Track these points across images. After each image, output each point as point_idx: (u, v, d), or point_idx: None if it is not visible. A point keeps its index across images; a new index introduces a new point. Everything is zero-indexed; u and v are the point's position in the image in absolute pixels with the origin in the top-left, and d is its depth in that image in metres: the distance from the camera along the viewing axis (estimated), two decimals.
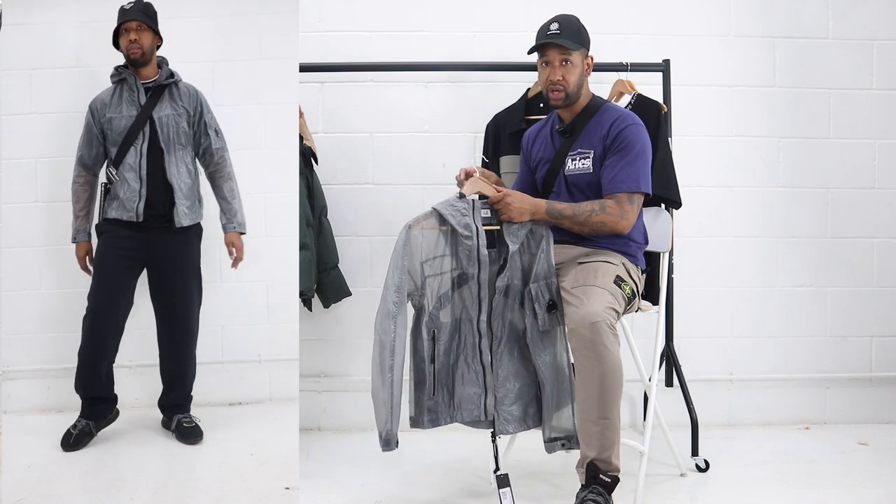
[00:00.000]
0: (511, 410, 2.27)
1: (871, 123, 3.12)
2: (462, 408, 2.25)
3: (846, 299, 3.15)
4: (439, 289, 2.21)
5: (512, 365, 2.27)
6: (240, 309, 3.17)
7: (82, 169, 2.77)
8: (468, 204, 2.20)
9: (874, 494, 2.41)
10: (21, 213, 3.08)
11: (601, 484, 2.11)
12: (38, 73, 3.06)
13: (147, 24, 2.69)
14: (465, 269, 2.21)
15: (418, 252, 2.18)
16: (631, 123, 2.32)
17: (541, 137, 2.51)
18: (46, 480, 2.46)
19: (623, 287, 2.22)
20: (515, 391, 2.27)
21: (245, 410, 3.14)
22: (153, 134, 2.70)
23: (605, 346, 2.07)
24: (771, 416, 3.11)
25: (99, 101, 2.73)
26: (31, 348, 3.12)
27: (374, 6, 3.08)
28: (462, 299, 2.23)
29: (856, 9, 3.11)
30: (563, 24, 2.34)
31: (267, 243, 3.13)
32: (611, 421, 2.11)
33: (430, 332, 2.20)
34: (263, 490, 2.41)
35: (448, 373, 2.23)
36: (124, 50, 2.69)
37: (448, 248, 2.21)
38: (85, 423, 2.72)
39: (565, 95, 2.35)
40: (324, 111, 3.09)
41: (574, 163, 2.37)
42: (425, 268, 2.19)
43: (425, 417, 2.23)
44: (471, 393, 2.24)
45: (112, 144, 2.71)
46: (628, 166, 2.28)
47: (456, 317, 2.23)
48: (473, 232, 2.18)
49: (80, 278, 2.82)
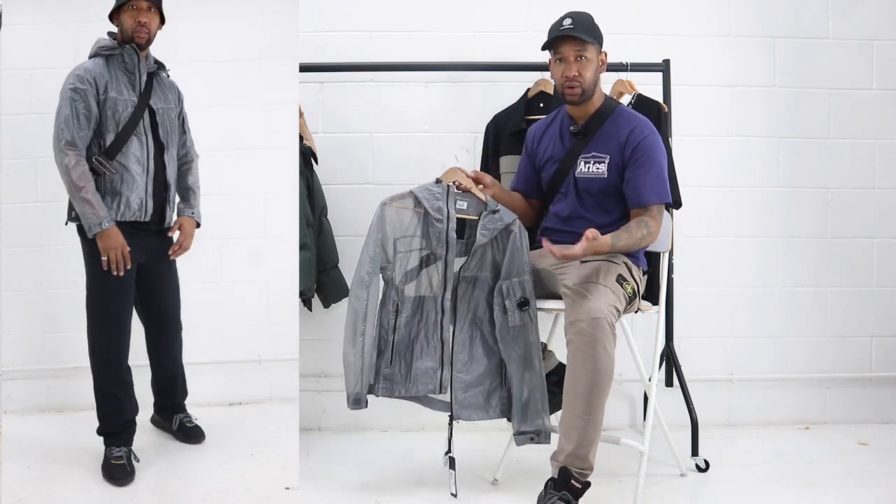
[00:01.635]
0: (469, 396, 2.34)
1: (871, 123, 3.12)
2: (418, 381, 2.35)
3: (846, 299, 3.15)
4: (407, 265, 2.34)
5: (472, 352, 2.35)
6: (240, 309, 3.17)
7: (74, 152, 2.36)
8: (443, 189, 2.32)
9: (874, 494, 2.41)
10: (21, 213, 3.08)
11: (570, 489, 2.11)
12: (38, 73, 3.06)
13: (157, 6, 2.48)
14: (433, 250, 2.31)
15: (392, 229, 2.33)
16: (650, 132, 2.33)
17: (548, 135, 2.48)
18: (46, 480, 2.46)
19: (625, 286, 2.23)
20: (474, 378, 2.34)
21: (245, 410, 3.14)
22: (154, 126, 2.51)
23: (603, 344, 2.07)
24: (771, 416, 3.11)
25: (95, 74, 2.40)
26: (31, 348, 3.12)
27: (374, 6, 3.08)
28: (429, 277, 2.35)
29: (856, 9, 3.11)
30: (577, 19, 2.31)
31: (267, 243, 3.13)
32: (594, 418, 2.11)
33: (395, 304, 2.33)
34: (263, 490, 2.41)
35: (407, 346, 2.35)
36: (128, 30, 2.43)
37: (419, 229, 2.34)
38: (126, 451, 2.47)
39: (582, 91, 2.32)
40: (324, 111, 3.09)
41: (587, 166, 2.36)
42: (397, 244, 2.33)
43: (380, 385, 2.35)
44: (427, 367, 2.34)
45: (107, 130, 2.42)
46: (656, 178, 2.30)
47: (421, 293, 2.35)
48: (444, 216, 2.31)
49: (81, 278, 2.80)
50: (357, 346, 2.30)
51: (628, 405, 3.10)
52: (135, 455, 2.52)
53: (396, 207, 2.34)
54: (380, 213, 2.33)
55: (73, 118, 2.36)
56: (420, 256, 2.34)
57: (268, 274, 3.18)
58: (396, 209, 2.34)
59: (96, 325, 2.50)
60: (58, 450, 2.66)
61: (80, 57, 2.79)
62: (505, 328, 2.29)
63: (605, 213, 2.37)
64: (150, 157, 2.50)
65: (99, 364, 2.50)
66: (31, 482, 2.44)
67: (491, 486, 2.48)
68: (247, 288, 3.17)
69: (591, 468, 2.14)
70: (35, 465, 2.58)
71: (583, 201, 2.38)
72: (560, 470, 2.14)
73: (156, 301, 2.70)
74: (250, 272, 3.12)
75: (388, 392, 2.36)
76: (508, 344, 2.29)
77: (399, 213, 2.34)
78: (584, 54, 2.31)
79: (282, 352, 3.06)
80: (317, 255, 2.80)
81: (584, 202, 2.38)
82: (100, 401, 2.51)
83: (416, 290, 2.35)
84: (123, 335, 2.52)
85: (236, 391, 3.20)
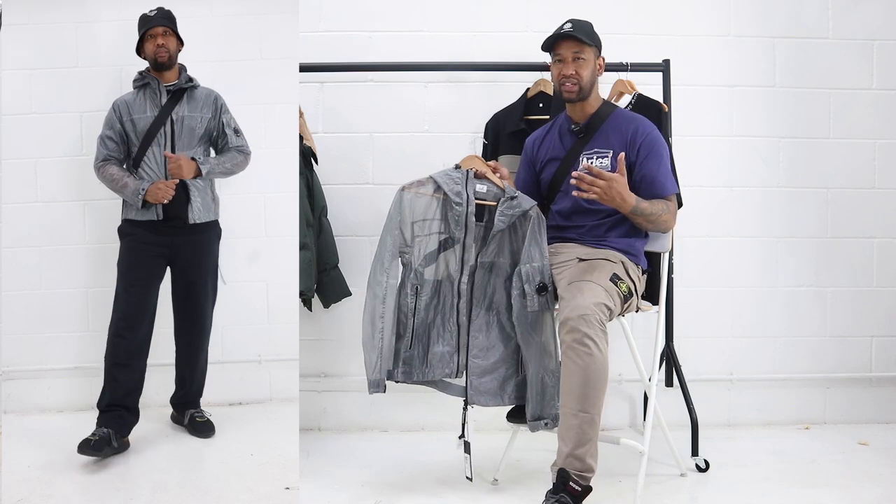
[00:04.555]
0: (484, 382, 2.34)
1: (871, 123, 3.12)
2: (434, 366, 2.35)
3: (846, 299, 3.14)
4: (426, 248, 2.36)
5: (489, 338, 2.34)
6: (240, 309, 3.17)
7: (105, 164, 2.75)
8: (462, 175, 2.34)
9: (874, 494, 2.40)
10: (21, 213, 3.08)
11: (570, 492, 2.07)
12: (38, 73, 3.06)
13: (172, 29, 2.75)
14: (452, 234, 2.33)
15: (410, 213, 2.35)
16: (653, 128, 2.41)
17: (548, 140, 2.52)
18: (46, 480, 2.46)
19: (619, 285, 2.23)
20: (490, 364, 2.34)
21: (245, 410, 3.14)
22: (173, 134, 2.74)
23: (592, 339, 2.07)
24: (771, 416, 3.11)
25: (122, 102, 2.77)
26: (31, 348, 3.12)
27: (374, 6, 3.08)
28: (446, 261, 2.36)
29: (856, 9, 3.11)
30: (576, 24, 2.40)
31: (267, 243, 3.13)
32: (590, 416, 2.09)
33: (414, 287, 2.34)
34: (263, 490, 2.41)
35: (425, 330, 2.35)
36: (151, 55, 2.73)
37: (438, 213, 2.35)
38: (105, 431, 2.61)
39: (579, 89, 2.38)
40: (324, 111, 3.09)
41: (590, 161, 2.39)
42: (415, 228, 2.35)
43: (400, 369, 2.36)
44: (444, 351, 2.35)
45: (133, 144, 2.75)
46: (667, 171, 2.38)
47: (439, 277, 2.36)
48: (464, 199, 2.31)
49: (81, 278, 2.81)
50: (377, 330, 2.31)
51: (628, 405, 3.10)
52: (115, 439, 2.60)
53: (415, 193, 2.35)
54: (398, 198, 2.35)
55: (100, 140, 2.75)
56: (439, 240, 2.36)
57: (268, 274, 3.18)
58: (415, 194, 2.35)
59: (113, 309, 2.72)
60: (58, 450, 2.66)
61: (81, 57, 2.80)
62: (523, 313, 2.27)
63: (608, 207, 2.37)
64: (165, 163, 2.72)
65: (108, 341, 2.70)
66: (31, 482, 2.44)
67: (491, 486, 2.48)
68: (247, 288, 3.18)
69: (591, 470, 2.10)
70: (35, 465, 2.58)
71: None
72: (558, 472, 2.10)
73: (185, 297, 2.83)
74: (250, 272, 3.12)
75: (408, 376, 2.35)
76: (526, 329, 2.28)
77: (418, 198, 2.35)
78: (582, 55, 2.37)
79: (282, 352, 3.06)
80: (317, 255, 2.80)
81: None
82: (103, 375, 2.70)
83: (435, 273, 2.36)
84: (130, 324, 2.69)
85: (236, 391, 3.20)
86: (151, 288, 2.76)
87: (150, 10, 2.74)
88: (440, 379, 2.37)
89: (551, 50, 2.41)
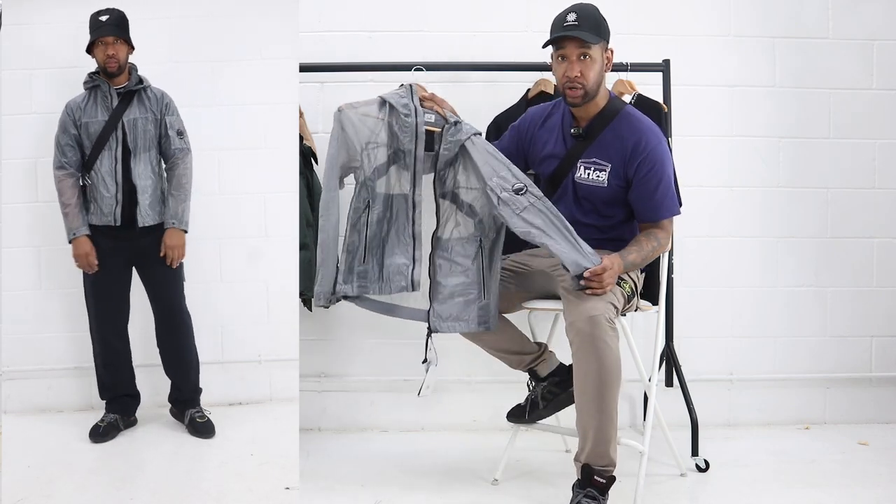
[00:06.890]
0: (446, 308, 2.32)
1: (871, 123, 3.12)
2: (391, 280, 2.34)
3: (846, 299, 3.14)
4: (375, 160, 2.33)
5: (452, 262, 2.32)
6: (240, 309, 3.16)
7: (59, 172, 2.77)
8: (407, 90, 2.35)
9: (874, 494, 2.41)
10: (21, 213, 3.08)
11: (596, 486, 2.12)
12: (38, 73, 3.06)
13: (123, 38, 2.74)
14: (401, 146, 2.31)
15: (355, 135, 2.32)
16: (656, 142, 2.25)
17: (549, 126, 2.40)
18: (46, 480, 2.46)
19: (622, 285, 2.23)
20: (454, 287, 2.32)
21: (245, 410, 3.14)
22: (125, 138, 2.75)
23: (604, 340, 2.07)
24: (771, 416, 3.11)
25: (74, 105, 2.77)
26: (31, 348, 3.11)
27: (374, 6, 3.08)
28: (398, 174, 2.34)
29: (856, 9, 3.11)
30: (581, 14, 2.19)
31: (267, 243, 3.12)
32: (608, 415, 2.11)
33: (365, 200, 2.33)
34: (263, 490, 2.41)
35: (379, 243, 2.34)
36: (101, 62, 2.73)
37: (385, 130, 2.33)
38: (112, 417, 2.81)
39: (584, 93, 2.21)
40: (324, 111, 3.08)
41: (587, 171, 2.30)
42: (365, 145, 2.33)
43: (354, 284, 2.34)
44: (399, 263, 2.33)
45: (86, 148, 2.75)
46: (665, 192, 2.27)
47: (390, 191, 2.34)
48: (412, 110, 2.30)
49: (81, 278, 2.81)
50: (328, 244, 2.32)
51: (628, 405, 3.10)
52: (122, 423, 2.83)
53: (361, 115, 2.33)
54: (337, 117, 2.33)
55: (58, 146, 2.76)
56: (387, 153, 2.33)
57: (268, 274, 3.17)
58: (361, 116, 2.33)
59: (88, 314, 2.85)
60: (58, 450, 2.66)
61: (81, 57, 2.80)
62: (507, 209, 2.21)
63: (603, 217, 2.36)
64: (119, 168, 2.74)
65: (92, 345, 2.86)
66: (31, 482, 2.43)
67: (491, 487, 2.48)
68: (247, 288, 3.17)
69: (612, 464, 2.15)
70: (35, 465, 2.58)
71: (580, 206, 2.36)
72: (582, 468, 2.15)
73: (155, 297, 2.86)
74: (250, 272, 3.12)
75: (363, 289, 2.34)
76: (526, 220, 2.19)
77: (362, 119, 2.33)
78: (589, 53, 2.19)
79: (282, 352, 3.05)
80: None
81: (581, 207, 2.36)
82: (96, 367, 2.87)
83: (387, 187, 2.34)
84: (104, 326, 2.82)
85: (236, 391, 3.19)
86: (115, 286, 2.81)
87: (102, 14, 2.71)
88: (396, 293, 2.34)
89: (554, 45, 2.23)
